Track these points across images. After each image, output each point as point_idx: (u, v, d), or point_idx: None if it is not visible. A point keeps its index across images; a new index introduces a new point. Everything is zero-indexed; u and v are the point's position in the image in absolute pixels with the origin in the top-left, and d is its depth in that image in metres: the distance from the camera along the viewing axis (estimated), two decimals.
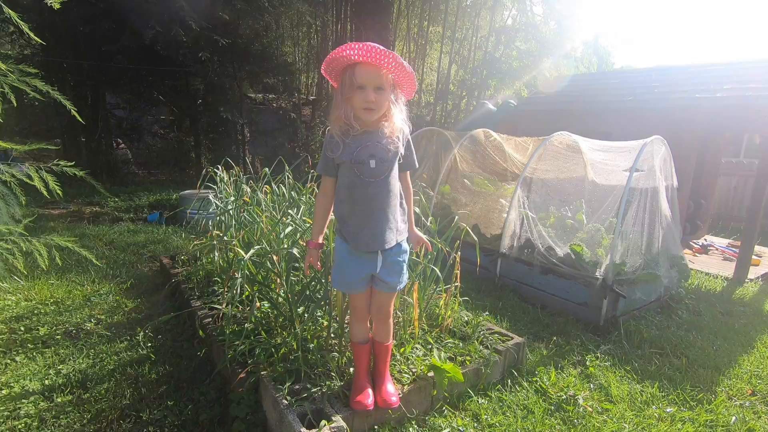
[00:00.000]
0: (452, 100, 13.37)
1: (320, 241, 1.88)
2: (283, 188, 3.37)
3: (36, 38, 2.48)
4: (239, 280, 2.24)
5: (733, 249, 5.93)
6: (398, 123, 1.73)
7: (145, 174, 10.79)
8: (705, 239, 6.61)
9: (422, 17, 14.04)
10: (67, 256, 4.14)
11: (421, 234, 2.02)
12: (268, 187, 3.43)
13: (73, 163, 2.44)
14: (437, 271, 2.53)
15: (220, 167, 3.92)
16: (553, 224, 4.13)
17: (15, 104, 2.18)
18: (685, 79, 6.56)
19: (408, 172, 1.92)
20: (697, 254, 5.92)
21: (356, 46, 1.60)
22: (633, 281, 3.49)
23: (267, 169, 3.56)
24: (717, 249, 6.10)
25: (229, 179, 3.80)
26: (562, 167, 4.24)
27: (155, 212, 6.65)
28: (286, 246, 2.44)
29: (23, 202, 2.53)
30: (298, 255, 2.34)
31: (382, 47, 1.59)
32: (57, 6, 2.11)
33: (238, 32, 8.88)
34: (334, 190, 1.83)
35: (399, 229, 1.82)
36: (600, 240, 3.72)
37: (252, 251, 2.28)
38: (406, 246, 1.88)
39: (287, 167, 3.61)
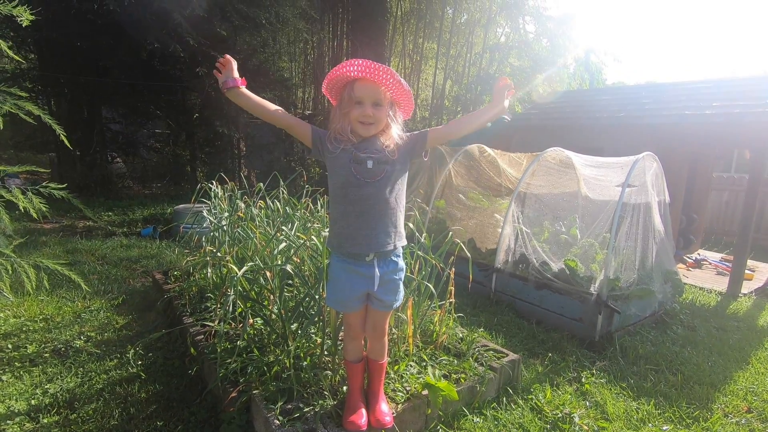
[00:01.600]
0: (447, 115, 13.54)
1: (239, 83, 1.86)
2: (278, 203, 3.37)
3: (14, 55, 2.50)
4: (232, 296, 2.22)
5: (726, 263, 5.97)
6: (395, 138, 1.76)
7: (140, 188, 10.75)
8: (698, 254, 6.65)
9: (417, 34, 14.30)
10: (57, 274, 4.08)
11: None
12: (262, 202, 3.42)
13: (65, 185, 2.44)
14: (431, 287, 2.52)
15: (214, 182, 3.92)
16: (547, 239, 4.14)
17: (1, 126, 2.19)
18: (674, 96, 6.67)
19: (430, 130, 1.85)
20: (690, 269, 5.95)
21: (355, 63, 1.64)
22: (627, 296, 3.49)
23: (261, 184, 3.57)
24: (710, 263, 6.14)
25: (224, 194, 3.79)
26: (555, 182, 4.28)
27: (149, 226, 6.60)
28: (279, 262, 2.43)
29: (7, 221, 2.50)
30: (291, 271, 2.33)
31: (380, 64, 1.64)
32: (26, 23, 2.13)
33: (236, 48, 8.97)
34: (295, 120, 1.81)
35: (396, 236, 1.77)
36: (594, 255, 3.73)
37: (245, 268, 2.27)
38: (402, 264, 1.87)
39: (282, 182, 3.61)
